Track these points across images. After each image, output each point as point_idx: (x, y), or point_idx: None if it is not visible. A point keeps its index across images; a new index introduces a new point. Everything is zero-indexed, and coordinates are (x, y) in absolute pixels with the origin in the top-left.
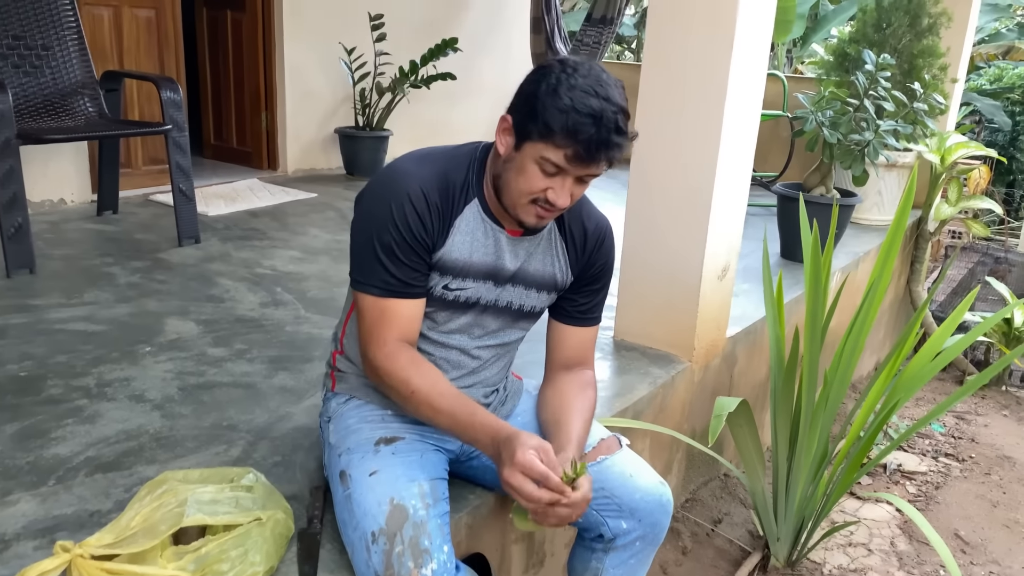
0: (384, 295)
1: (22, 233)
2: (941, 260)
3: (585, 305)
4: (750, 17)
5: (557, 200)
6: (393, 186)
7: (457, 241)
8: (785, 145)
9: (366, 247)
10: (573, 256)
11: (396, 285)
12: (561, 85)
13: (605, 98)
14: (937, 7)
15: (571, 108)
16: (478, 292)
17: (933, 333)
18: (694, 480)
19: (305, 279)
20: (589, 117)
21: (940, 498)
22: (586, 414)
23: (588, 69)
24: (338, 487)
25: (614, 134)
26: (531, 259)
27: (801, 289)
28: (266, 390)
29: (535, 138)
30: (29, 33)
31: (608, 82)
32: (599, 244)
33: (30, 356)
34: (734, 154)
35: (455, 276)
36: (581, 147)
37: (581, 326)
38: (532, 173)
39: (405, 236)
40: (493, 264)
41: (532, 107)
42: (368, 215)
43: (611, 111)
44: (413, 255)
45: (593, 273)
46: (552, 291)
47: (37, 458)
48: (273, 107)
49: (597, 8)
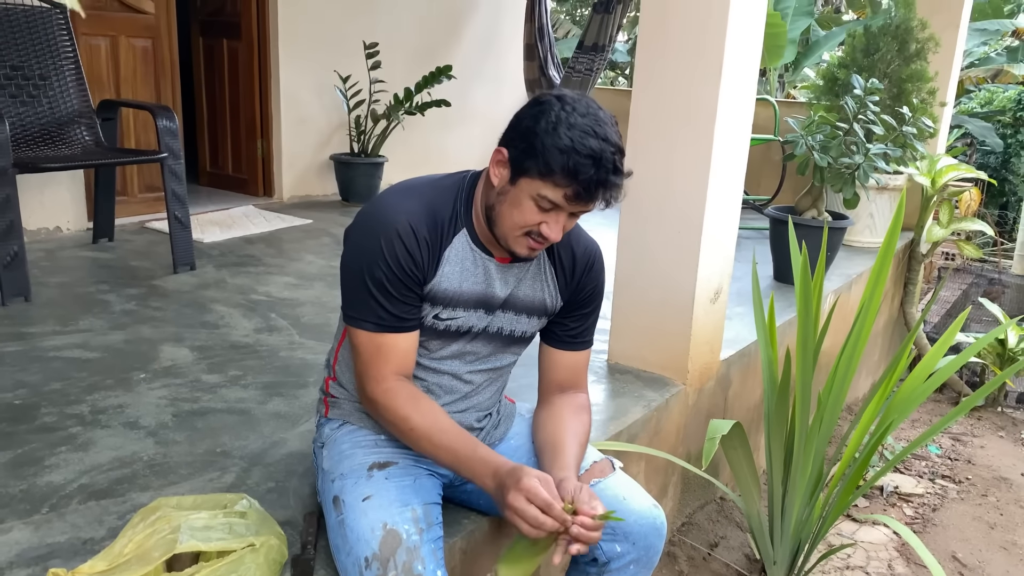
0: (378, 330)
1: (18, 261)
2: (934, 282)
3: (576, 329)
4: (738, 43)
5: (550, 234)
6: (382, 221)
7: (447, 272)
8: (777, 169)
9: (358, 283)
10: (563, 281)
11: (390, 320)
12: (561, 124)
13: (604, 138)
14: (925, 32)
15: (571, 149)
16: (469, 320)
17: (926, 354)
18: (690, 504)
19: (300, 305)
20: (589, 158)
21: (937, 520)
22: (582, 438)
23: (586, 107)
24: (331, 512)
25: (612, 175)
26: (521, 285)
27: (794, 311)
28: (260, 416)
29: (533, 175)
30: (27, 63)
31: (605, 120)
32: (588, 268)
33: (24, 384)
34: (725, 178)
35: (445, 306)
36: (580, 187)
37: (573, 350)
38: (527, 208)
39: (396, 271)
40: (483, 292)
41: (531, 144)
42: (358, 250)
43: (610, 152)
44: (405, 289)
45: (583, 297)
46: (543, 316)
47: (30, 486)
48: (269, 134)
49: (589, 36)
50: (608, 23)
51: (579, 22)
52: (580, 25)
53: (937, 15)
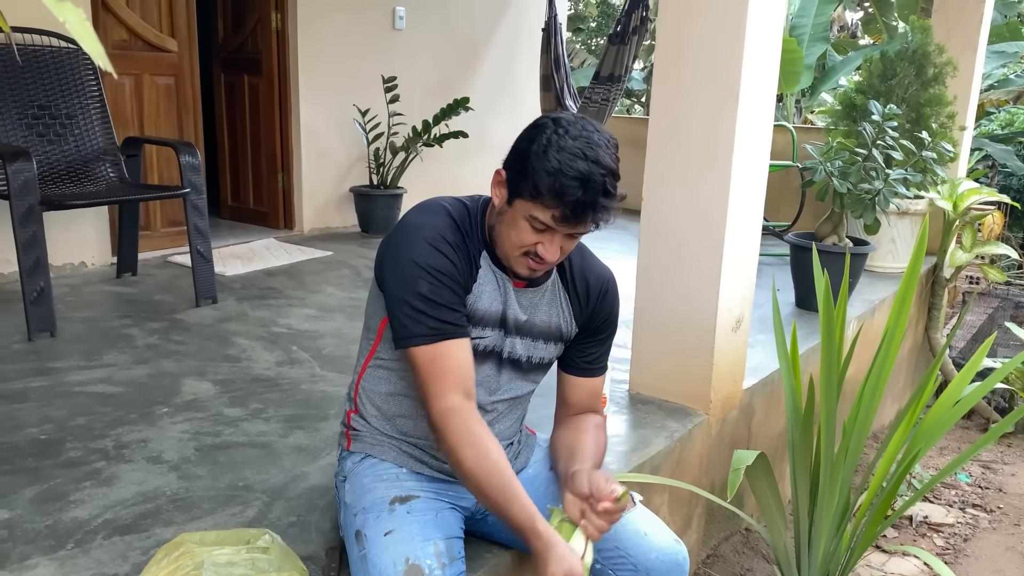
0: (431, 341)
1: (44, 297)
2: (959, 306)
3: (591, 355)
4: (754, 69)
5: (546, 255)
6: (414, 239)
7: (478, 291)
8: (796, 195)
9: (404, 303)
10: (577, 308)
11: (441, 327)
12: (551, 147)
13: (594, 160)
14: (942, 57)
15: (559, 171)
16: (492, 341)
17: (953, 380)
18: (715, 535)
19: (321, 337)
20: (576, 180)
21: (969, 551)
22: (599, 454)
23: (580, 129)
24: (354, 547)
25: (601, 196)
26: (537, 311)
27: (816, 339)
28: (282, 449)
29: (525, 196)
30: (54, 103)
31: (599, 143)
32: (602, 295)
33: (50, 419)
34: (744, 205)
35: (475, 325)
36: (568, 209)
37: (589, 376)
38: (523, 228)
39: (440, 279)
40: (502, 312)
41: (524, 166)
42: (398, 272)
43: (599, 174)
44: (450, 294)
45: (598, 324)
46: (559, 342)
47: (56, 521)
48: (289, 168)
49: (605, 66)
50: (624, 53)
51: (594, 51)
52: (595, 55)
53: (954, 39)
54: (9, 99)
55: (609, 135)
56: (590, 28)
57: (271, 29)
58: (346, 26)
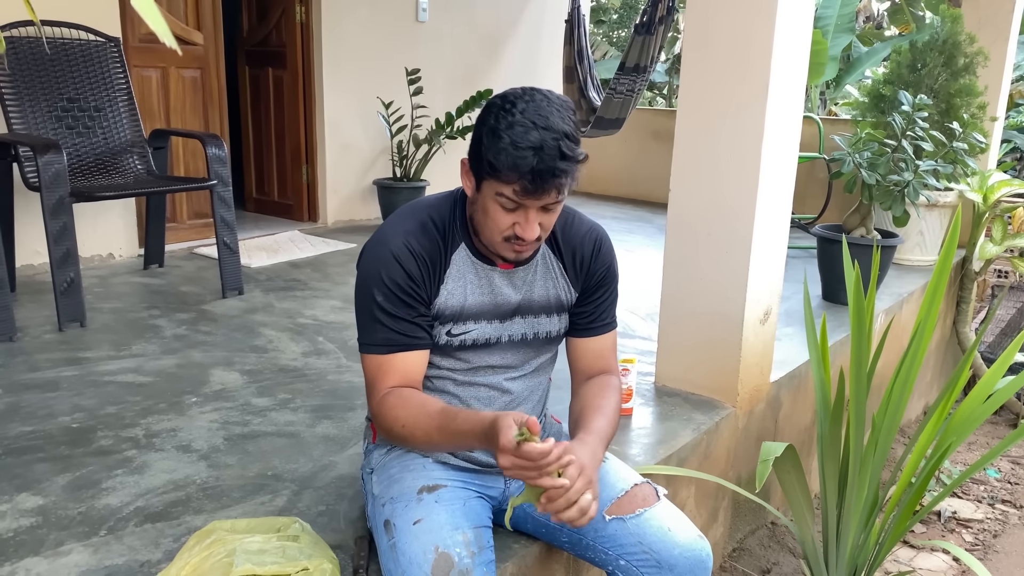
0: (384, 352)
1: (74, 288)
2: (987, 300)
3: (595, 314)
4: (784, 61)
5: (525, 234)
6: (380, 246)
7: (450, 288)
8: (822, 187)
9: (364, 310)
10: (572, 273)
11: (396, 339)
12: (500, 123)
13: (545, 127)
14: (973, 47)
15: (510, 144)
16: (484, 332)
17: (983, 375)
18: (741, 529)
19: (346, 328)
20: (529, 150)
21: (999, 547)
22: (608, 412)
23: (528, 100)
24: (383, 537)
25: (559, 161)
26: (533, 288)
27: (844, 332)
28: (309, 439)
29: (488, 177)
30: (83, 95)
31: (549, 110)
32: (596, 253)
33: (81, 408)
34: (773, 197)
35: (455, 321)
36: (527, 180)
37: (597, 335)
38: (495, 211)
39: (395, 292)
40: (492, 303)
41: (479, 148)
42: (362, 278)
43: (551, 139)
44: (407, 308)
45: (596, 282)
46: (563, 312)
47: (88, 508)
48: (313, 160)
49: (631, 57)
50: (650, 44)
51: (615, 43)
52: (616, 47)
53: (985, 29)
54: (39, 91)
55: (564, 100)
56: (611, 20)
57: (295, 22)
58: (370, 18)
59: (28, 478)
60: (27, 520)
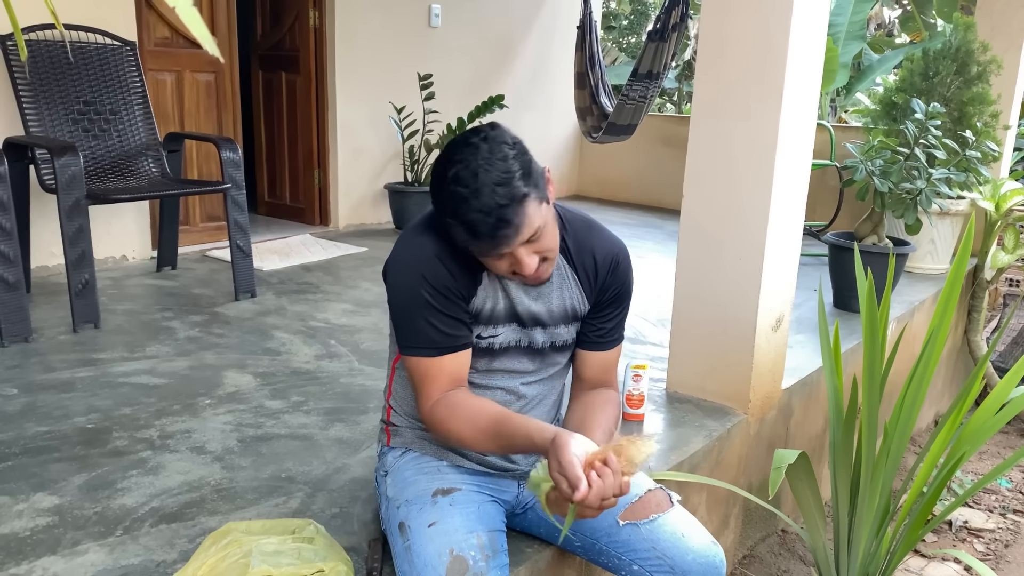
0: (433, 354)
1: (89, 289)
2: (999, 309)
3: (605, 329)
4: (799, 68)
5: (523, 271)
6: (418, 249)
7: (483, 293)
8: (833, 194)
9: (408, 313)
10: (587, 286)
11: (443, 340)
12: (442, 194)
13: (475, 191)
14: (986, 55)
15: (453, 220)
16: (508, 337)
17: (996, 385)
18: (751, 536)
19: (358, 331)
20: (463, 226)
21: (1010, 557)
22: (608, 430)
23: (458, 162)
24: (397, 539)
25: (499, 222)
26: (550, 299)
27: (856, 339)
28: (323, 442)
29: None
30: (99, 99)
31: (477, 165)
32: (612, 269)
33: (96, 408)
34: (786, 204)
35: (485, 324)
36: (482, 244)
37: (604, 350)
38: (485, 261)
39: (442, 291)
40: (511, 308)
41: (440, 225)
42: (400, 284)
43: (478, 206)
44: (452, 306)
45: (610, 297)
46: (575, 321)
47: (104, 508)
48: (325, 164)
49: (643, 63)
50: (663, 50)
51: (626, 49)
52: (627, 53)
53: (999, 37)
54: (56, 94)
55: (496, 142)
56: (622, 26)
57: (308, 27)
58: (382, 24)
59: (44, 478)
60: (44, 519)
